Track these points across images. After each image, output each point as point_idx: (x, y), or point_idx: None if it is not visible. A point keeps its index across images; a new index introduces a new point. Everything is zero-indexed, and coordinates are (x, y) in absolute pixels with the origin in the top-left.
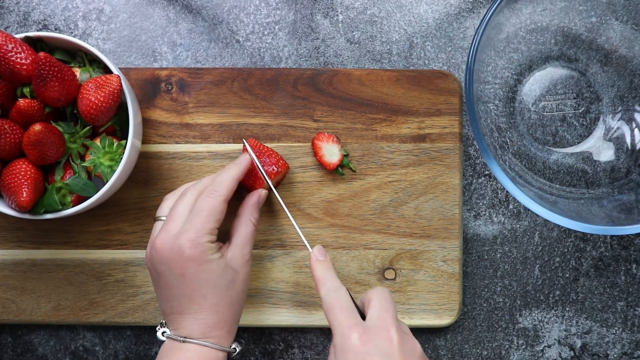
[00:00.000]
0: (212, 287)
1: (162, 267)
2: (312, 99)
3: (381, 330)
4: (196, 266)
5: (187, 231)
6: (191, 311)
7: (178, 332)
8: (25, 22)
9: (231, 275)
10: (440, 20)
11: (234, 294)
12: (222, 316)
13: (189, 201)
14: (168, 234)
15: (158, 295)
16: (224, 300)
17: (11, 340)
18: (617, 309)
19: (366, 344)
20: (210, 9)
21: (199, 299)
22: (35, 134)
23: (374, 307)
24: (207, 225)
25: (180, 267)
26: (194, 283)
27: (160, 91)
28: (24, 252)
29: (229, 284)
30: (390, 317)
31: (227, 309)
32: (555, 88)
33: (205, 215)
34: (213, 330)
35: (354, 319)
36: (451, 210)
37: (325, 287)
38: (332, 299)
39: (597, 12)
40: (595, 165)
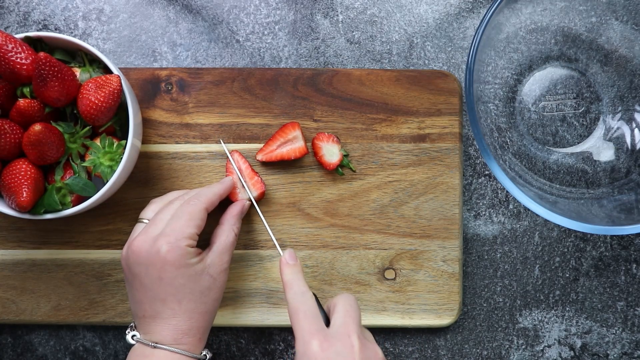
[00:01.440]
0: (188, 293)
1: (138, 268)
2: (312, 99)
3: (342, 337)
4: (174, 270)
5: (167, 235)
6: (164, 316)
7: (149, 337)
8: (25, 22)
9: (208, 282)
10: (440, 20)
11: (209, 301)
12: (195, 323)
13: (174, 208)
14: (148, 236)
15: (130, 297)
16: (199, 307)
17: (11, 340)
18: (617, 309)
19: (326, 350)
20: (210, 9)
21: (173, 304)
22: (35, 134)
23: (337, 313)
24: (186, 230)
25: (158, 269)
26: (170, 287)
27: (160, 91)
28: (24, 252)
29: (205, 291)
30: (353, 324)
31: (201, 315)
32: (555, 88)
33: (185, 220)
34: (185, 337)
35: (316, 325)
36: (451, 210)
37: (291, 291)
38: (297, 303)
39: (597, 12)
40: (595, 165)
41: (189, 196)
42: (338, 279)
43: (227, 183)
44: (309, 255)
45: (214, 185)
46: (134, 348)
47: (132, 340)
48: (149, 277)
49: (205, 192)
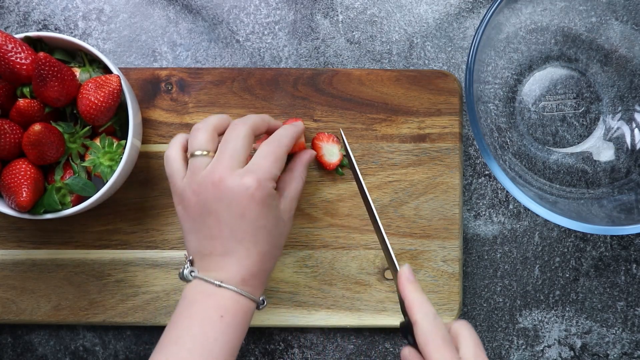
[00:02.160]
0: (265, 235)
1: (218, 204)
2: (312, 99)
3: None
4: (258, 209)
5: (254, 172)
6: (237, 255)
7: (215, 275)
8: (25, 22)
9: (281, 226)
10: (440, 20)
11: (279, 246)
12: (264, 266)
13: (244, 137)
14: (228, 170)
15: (197, 233)
16: (271, 251)
17: (11, 340)
18: (617, 309)
19: None
20: (210, 9)
21: (249, 244)
22: (35, 134)
23: (467, 344)
24: (273, 170)
25: (243, 207)
26: (250, 227)
27: (160, 91)
28: (24, 252)
29: (278, 235)
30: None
31: (271, 260)
32: (555, 88)
33: (272, 160)
34: (252, 279)
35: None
36: (451, 210)
37: (421, 312)
38: (432, 328)
39: (597, 12)
40: (595, 165)
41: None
42: (338, 279)
43: (300, 126)
44: (309, 255)
45: (288, 127)
46: (192, 285)
47: (191, 277)
48: (230, 215)
49: (284, 134)
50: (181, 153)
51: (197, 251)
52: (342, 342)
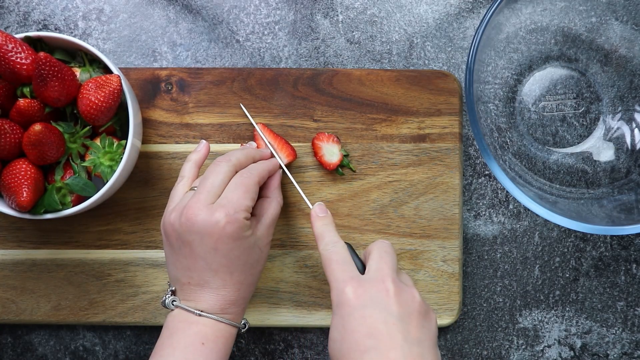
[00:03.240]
0: (240, 265)
1: (192, 236)
2: (312, 99)
3: (377, 282)
4: (231, 242)
5: (225, 206)
6: (214, 286)
7: (193, 304)
8: (25, 22)
9: (257, 254)
10: (440, 20)
11: (256, 273)
12: (242, 294)
13: (224, 173)
14: (203, 204)
15: (175, 263)
16: (248, 279)
17: (11, 340)
18: (617, 309)
19: (361, 296)
20: (210, 9)
21: (224, 275)
22: (35, 134)
23: (372, 259)
24: (244, 202)
25: (215, 240)
26: (224, 259)
27: (160, 91)
28: (24, 252)
29: (255, 263)
30: (387, 269)
31: (248, 287)
32: (555, 88)
33: (242, 192)
34: (232, 307)
35: (349, 272)
36: (451, 210)
37: (323, 242)
38: (329, 253)
39: (597, 12)
40: (595, 165)
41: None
42: None
43: (276, 163)
44: (309, 255)
45: (265, 162)
46: (174, 313)
47: (172, 306)
48: (203, 247)
49: (257, 166)
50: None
51: (176, 280)
52: None
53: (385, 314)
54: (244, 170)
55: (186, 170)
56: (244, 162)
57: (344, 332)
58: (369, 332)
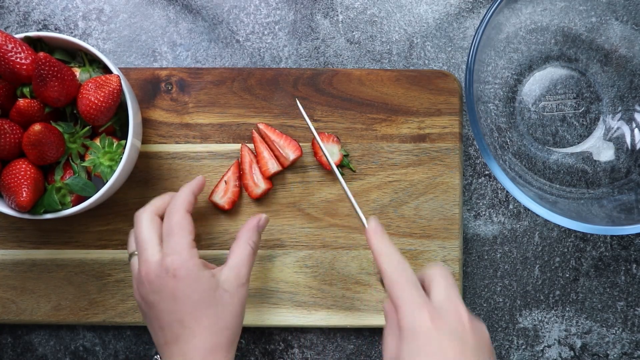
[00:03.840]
0: (204, 309)
1: (152, 296)
2: (312, 99)
3: (451, 311)
4: (186, 285)
5: (169, 254)
6: (185, 337)
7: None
8: (25, 22)
9: (224, 297)
10: (440, 20)
11: (228, 317)
12: (218, 339)
13: (146, 223)
14: (149, 262)
15: (150, 329)
16: (218, 323)
17: (11, 340)
18: (617, 309)
19: (438, 324)
20: (210, 9)
21: (191, 322)
22: (35, 134)
23: (439, 286)
24: (183, 240)
25: (171, 289)
26: (185, 305)
27: (160, 91)
28: (24, 252)
29: (222, 307)
30: (457, 298)
31: (222, 332)
32: (555, 88)
33: (177, 233)
34: (210, 356)
35: (423, 297)
36: (451, 210)
37: (387, 261)
38: (398, 273)
39: (597, 12)
40: (595, 165)
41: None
42: (338, 279)
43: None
44: (309, 255)
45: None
46: None
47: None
48: (164, 301)
49: (177, 197)
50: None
51: (157, 343)
52: (342, 342)
53: (462, 343)
54: (169, 208)
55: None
56: (161, 205)
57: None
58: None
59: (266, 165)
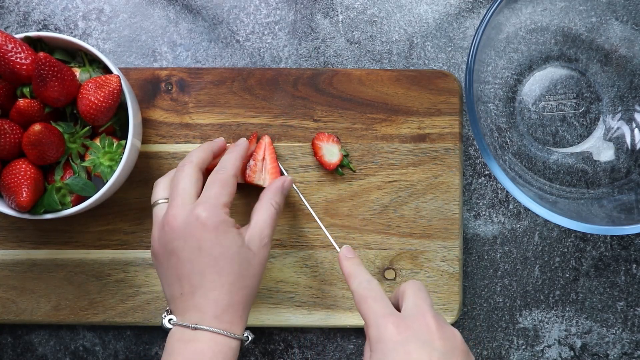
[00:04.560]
0: (227, 263)
1: (176, 242)
2: (312, 99)
3: (418, 318)
4: (213, 237)
5: (203, 202)
6: (204, 289)
7: (188, 318)
8: (25, 22)
9: (247, 256)
10: (440, 20)
11: (248, 276)
12: (235, 298)
13: (190, 174)
14: (180, 208)
15: (167, 278)
16: (239, 281)
17: (11, 340)
18: (617, 309)
19: (403, 332)
20: (210, 9)
21: (212, 275)
22: (35, 134)
23: (408, 297)
24: (221, 198)
25: (197, 238)
26: (209, 257)
27: (160, 91)
28: (24, 252)
29: (245, 264)
30: (426, 305)
31: (241, 290)
32: (555, 88)
33: (218, 187)
34: (225, 314)
35: (388, 308)
36: (451, 210)
37: (356, 281)
38: (364, 290)
39: (597, 12)
40: (595, 165)
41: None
42: (338, 279)
43: (243, 144)
44: (309, 255)
45: (232, 150)
46: (172, 333)
47: (169, 324)
48: (188, 249)
49: (227, 158)
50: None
51: (170, 296)
52: (342, 342)
53: (429, 349)
54: (218, 168)
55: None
56: (205, 158)
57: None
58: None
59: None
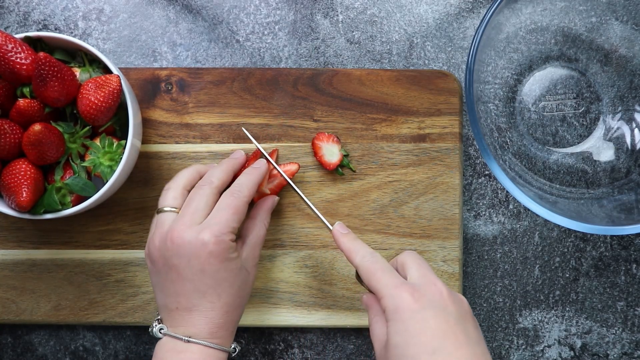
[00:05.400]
0: (228, 287)
1: (178, 260)
2: (312, 99)
3: (429, 286)
4: (218, 263)
5: (212, 226)
6: (202, 309)
7: (181, 331)
8: (25, 22)
9: (244, 276)
10: (440, 20)
11: (244, 295)
12: (230, 317)
13: (207, 196)
14: (188, 226)
15: (163, 289)
16: (235, 301)
17: (11, 340)
18: (617, 309)
19: (419, 300)
20: (210, 9)
21: (212, 297)
22: (35, 134)
23: (411, 267)
24: (231, 223)
25: (202, 262)
26: (211, 280)
27: (160, 91)
28: (24, 252)
29: (242, 285)
30: (432, 274)
31: (236, 309)
32: (555, 88)
33: (230, 213)
34: (220, 331)
35: (399, 279)
36: (451, 210)
37: (359, 255)
38: (370, 263)
39: (597, 12)
40: (595, 165)
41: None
42: (338, 279)
43: (262, 168)
44: (309, 255)
45: (250, 172)
46: (162, 342)
47: (160, 334)
48: (190, 270)
49: (244, 181)
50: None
51: (164, 306)
52: (342, 342)
53: (445, 314)
54: (234, 190)
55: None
56: (225, 180)
57: (408, 335)
58: (433, 334)
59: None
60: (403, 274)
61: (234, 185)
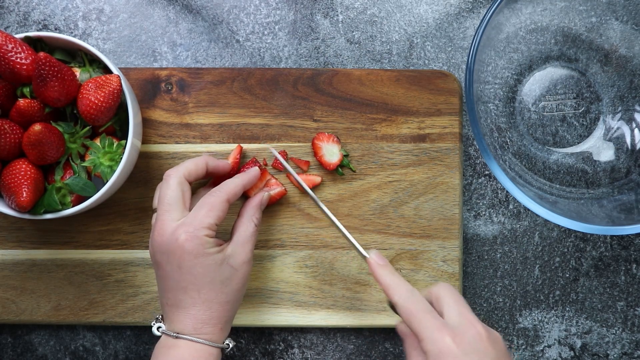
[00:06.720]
0: (207, 282)
1: (160, 256)
2: (312, 99)
3: (469, 328)
4: (192, 259)
5: (186, 224)
6: (185, 305)
7: (172, 327)
8: (25, 22)
9: (228, 272)
10: (440, 20)
11: (229, 292)
12: (215, 313)
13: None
14: (165, 224)
15: (158, 286)
16: (219, 297)
17: (11, 340)
18: (617, 309)
19: (460, 344)
20: (210, 9)
21: (193, 292)
22: (35, 134)
23: (449, 305)
24: (206, 220)
25: (178, 258)
26: (189, 276)
27: (160, 91)
28: (24, 252)
29: (225, 281)
30: (470, 313)
31: (221, 305)
32: (555, 88)
33: (205, 210)
34: (205, 327)
35: (440, 320)
36: (451, 210)
37: (398, 293)
38: (411, 304)
39: (597, 12)
40: (595, 165)
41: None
42: (338, 279)
43: (252, 173)
44: (309, 255)
45: (239, 175)
46: (160, 340)
47: (158, 332)
48: (170, 265)
49: (228, 183)
50: None
51: (161, 304)
52: (342, 342)
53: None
54: (215, 189)
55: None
56: (193, 170)
57: None
58: None
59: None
60: (438, 307)
61: (220, 185)
